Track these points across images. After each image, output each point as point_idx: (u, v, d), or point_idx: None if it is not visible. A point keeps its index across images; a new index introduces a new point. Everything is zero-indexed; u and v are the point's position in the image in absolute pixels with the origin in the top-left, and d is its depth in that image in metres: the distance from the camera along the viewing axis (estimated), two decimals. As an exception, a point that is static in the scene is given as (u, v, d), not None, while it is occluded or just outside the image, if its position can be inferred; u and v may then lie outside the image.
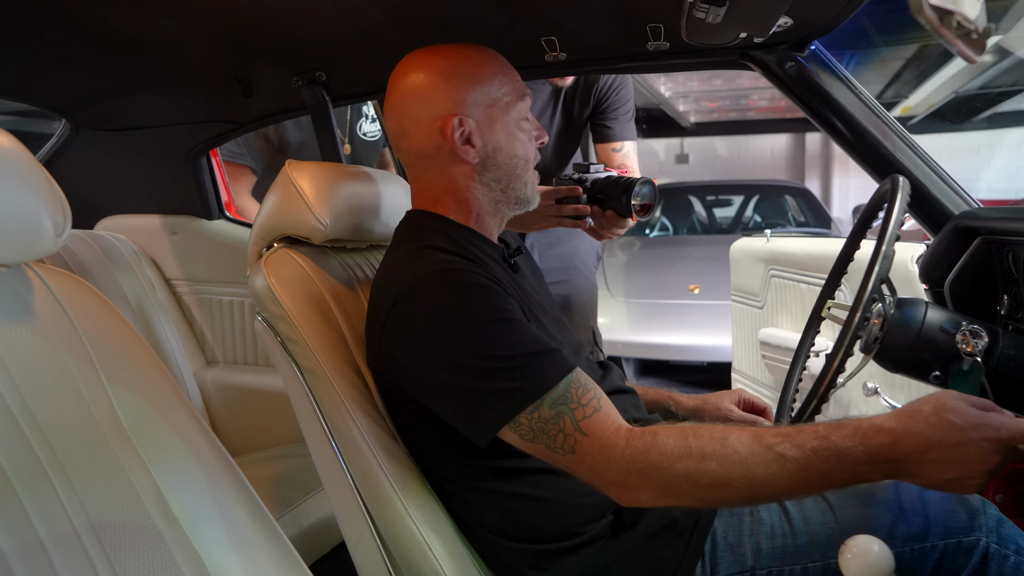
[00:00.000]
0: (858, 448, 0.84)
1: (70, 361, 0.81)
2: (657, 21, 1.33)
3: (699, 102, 8.96)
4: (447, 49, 1.17)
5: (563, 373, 0.96)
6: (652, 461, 0.89)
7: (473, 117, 1.13)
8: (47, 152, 2.12)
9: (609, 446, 0.91)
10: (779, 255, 2.50)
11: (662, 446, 0.89)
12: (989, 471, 0.81)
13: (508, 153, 1.16)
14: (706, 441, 0.89)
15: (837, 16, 1.26)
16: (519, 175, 1.18)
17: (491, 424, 0.96)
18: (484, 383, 0.96)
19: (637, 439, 0.91)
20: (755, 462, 0.86)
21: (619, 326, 4.15)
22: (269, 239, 1.28)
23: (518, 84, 1.18)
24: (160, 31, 1.42)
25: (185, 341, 2.17)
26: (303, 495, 1.71)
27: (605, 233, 1.52)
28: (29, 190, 0.77)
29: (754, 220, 6.39)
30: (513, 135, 1.16)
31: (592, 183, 1.49)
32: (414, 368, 1.01)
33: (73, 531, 0.75)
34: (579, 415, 0.93)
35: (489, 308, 0.99)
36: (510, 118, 1.16)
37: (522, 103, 1.18)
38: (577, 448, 0.93)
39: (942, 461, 0.82)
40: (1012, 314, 1.24)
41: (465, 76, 1.13)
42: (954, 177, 1.43)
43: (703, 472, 0.87)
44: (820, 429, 0.87)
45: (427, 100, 1.13)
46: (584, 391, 0.95)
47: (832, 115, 1.43)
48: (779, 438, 0.87)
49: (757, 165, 10.68)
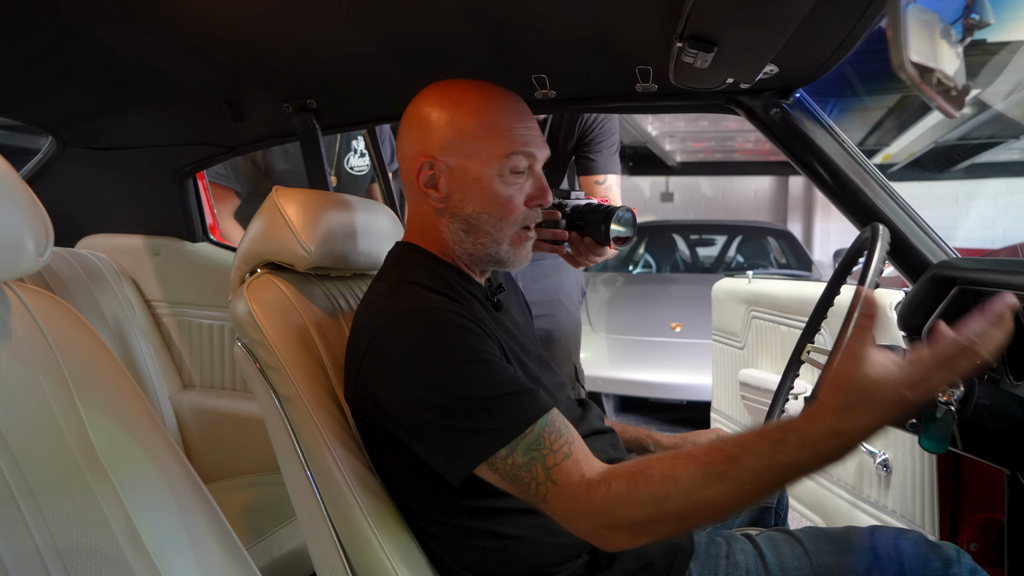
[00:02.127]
0: (806, 453, 0.80)
1: (45, 383, 0.80)
2: (646, 63, 1.35)
3: (685, 142, 9.09)
4: (454, 87, 1.14)
5: (538, 414, 0.95)
6: (614, 513, 0.88)
7: (446, 163, 1.10)
8: (32, 168, 2.10)
9: (575, 498, 0.90)
10: (760, 296, 2.52)
11: (619, 497, 0.88)
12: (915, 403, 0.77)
13: (477, 209, 1.11)
14: (657, 485, 0.86)
15: (822, 66, 1.29)
16: (488, 232, 1.12)
17: (464, 464, 0.95)
18: (458, 423, 0.95)
19: (595, 493, 0.89)
20: (712, 494, 0.84)
21: (600, 362, 4.15)
22: (253, 264, 1.27)
23: (513, 139, 1.10)
24: (153, 52, 1.42)
25: (162, 363, 2.15)
26: (275, 524, 1.69)
27: (582, 260, 1.52)
28: (12, 209, 0.76)
29: (736, 260, 6.45)
30: (489, 192, 1.10)
31: (572, 209, 1.48)
32: (390, 404, 1.01)
33: (37, 553, 0.74)
34: (550, 462, 0.92)
35: (465, 349, 0.98)
36: (489, 173, 1.10)
37: (513, 158, 1.10)
38: (548, 498, 0.92)
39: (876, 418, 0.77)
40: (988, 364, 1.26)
41: (452, 121, 1.10)
42: (932, 225, 1.45)
43: (666, 514, 0.86)
44: (766, 448, 0.82)
45: (413, 134, 1.13)
46: (557, 435, 0.94)
47: (815, 161, 1.45)
48: (727, 464, 0.83)
49: (741, 206, 10.81)
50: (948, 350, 0.75)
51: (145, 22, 1.28)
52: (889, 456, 1.81)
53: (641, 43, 1.27)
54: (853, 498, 1.99)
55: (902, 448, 1.76)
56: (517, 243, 1.15)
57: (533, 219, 1.15)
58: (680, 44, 1.06)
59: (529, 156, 1.13)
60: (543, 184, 1.15)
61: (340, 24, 1.26)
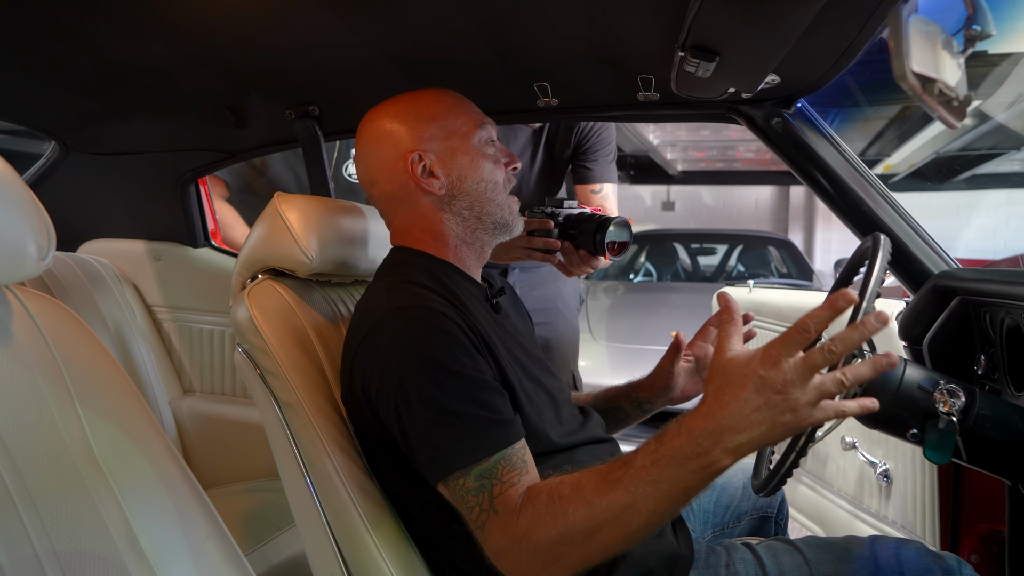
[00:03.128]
0: (683, 440, 0.84)
1: (45, 387, 0.80)
2: (648, 72, 1.36)
3: (686, 151, 9.09)
4: (399, 97, 1.21)
5: (499, 446, 0.95)
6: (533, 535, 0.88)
7: (432, 150, 1.16)
8: (34, 172, 2.11)
9: (507, 526, 0.91)
10: (761, 306, 2.52)
11: (537, 515, 0.89)
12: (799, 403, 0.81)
13: (474, 179, 1.18)
14: (567, 499, 0.88)
15: (823, 76, 1.29)
16: (490, 198, 1.19)
17: (434, 473, 0.97)
18: (428, 432, 0.96)
19: (523, 515, 0.90)
20: (608, 502, 0.86)
21: (600, 370, 4.14)
22: (254, 270, 1.27)
23: (474, 114, 1.21)
24: (156, 58, 1.43)
25: (162, 368, 2.14)
26: (274, 531, 1.68)
27: (575, 270, 1.51)
28: (15, 213, 0.76)
29: (737, 269, 6.44)
30: (476, 161, 1.18)
31: (564, 218, 1.48)
32: (376, 400, 1.01)
33: (35, 558, 0.73)
34: (497, 491, 0.93)
35: (447, 356, 0.98)
36: (471, 145, 1.18)
37: (481, 130, 1.20)
38: (487, 526, 0.92)
39: (749, 415, 0.82)
40: (989, 374, 1.26)
41: (418, 115, 1.17)
42: (933, 236, 1.45)
43: (572, 529, 0.87)
44: (651, 444, 0.87)
45: (386, 144, 1.17)
46: (511, 468, 0.94)
47: (816, 171, 1.45)
48: (621, 470, 0.87)
49: (742, 215, 10.80)
50: (789, 332, 0.83)
51: (148, 28, 1.28)
52: (890, 466, 1.80)
53: (643, 52, 1.27)
54: (854, 508, 1.98)
55: (903, 458, 1.75)
56: (513, 205, 1.23)
57: (513, 181, 1.25)
58: (682, 54, 1.07)
59: (490, 127, 1.22)
60: (508, 150, 1.24)
61: (343, 31, 1.26)
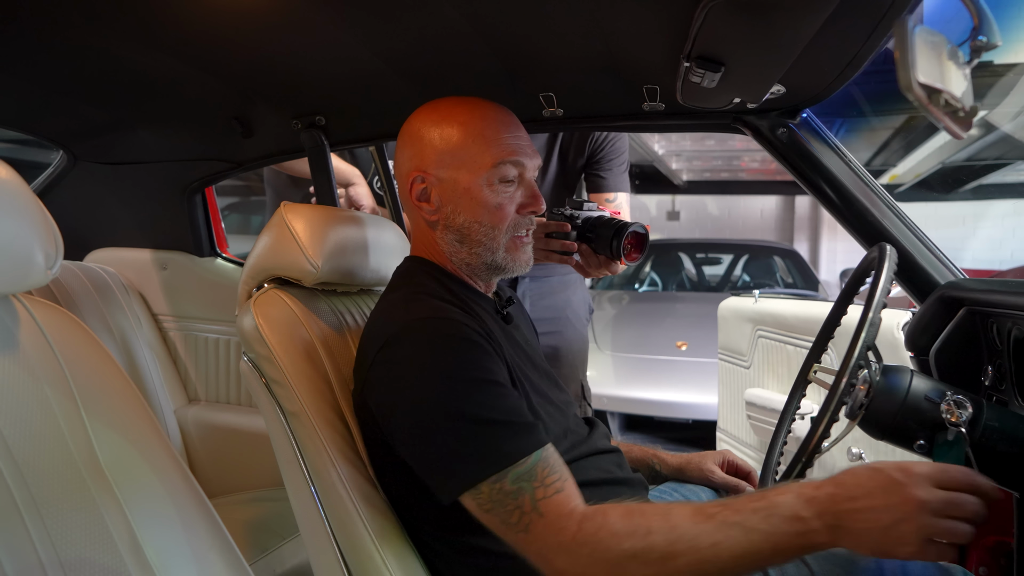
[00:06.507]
0: (794, 501, 0.84)
1: (52, 396, 0.80)
2: (653, 83, 1.36)
3: (692, 161, 9.10)
4: (444, 103, 1.17)
5: (534, 448, 0.94)
6: (601, 543, 0.88)
7: (437, 177, 1.13)
8: (43, 182, 2.12)
9: (563, 530, 0.90)
10: (767, 316, 2.52)
11: (611, 526, 0.88)
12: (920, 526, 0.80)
13: (469, 218, 1.13)
14: (650, 517, 0.88)
15: (828, 86, 1.29)
16: (480, 240, 1.14)
17: (455, 486, 0.95)
18: (454, 443, 0.95)
19: (588, 521, 0.90)
20: (697, 532, 0.86)
21: (606, 380, 4.14)
22: (260, 279, 1.28)
23: (501, 148, 1.12)
24: (164, 69, 1.44)
25: (168, 377, 2.15)
26: (279, 540, 1.68)
27: (592, 272, 1.52)
28: (23, 222, 0.77)
29: (743, 279, 6.43)
30: (477, 201, 1.12)
31: (583, 221, 1.48)
32: (390, 414, 1.01)
33: (40, 566, 0.74)
34: (540, 494, 0.92)
35: (473, 366, 0.98)
36: (478, 182, 1.12)
37: (499, 168, 1.12)
38: (531, 528, 0.91)
39: (870, 509, 0.81)
40: (996, 385, 1.25)
41: (442, 134, 1.13)
42: (940, 246, 1.45)
43: (649, 549, 0.86)
44: (756, 494, 0.87)
45: (406, 152, 1.17)
46: (551, 471, 0.94)
47: (821, 181, 1.45)
48: (719, 507, 0.87)
49: (747, 225, 10.79)
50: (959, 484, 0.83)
51: (156, 39, 1.29)
52: (897, 478, 1.79)
53: (649, 63, 1.27)
54: (860, 520, 1.97)
55: (910, 470, 1.74)
56: (513, 249, 1.17)
57: (526, 226, 1.18)
58: (687, 64, 1.07)
59: (518, 165, 1.14)
60: (534, 192, 1.17)
61: (349, 42, 1.27)
